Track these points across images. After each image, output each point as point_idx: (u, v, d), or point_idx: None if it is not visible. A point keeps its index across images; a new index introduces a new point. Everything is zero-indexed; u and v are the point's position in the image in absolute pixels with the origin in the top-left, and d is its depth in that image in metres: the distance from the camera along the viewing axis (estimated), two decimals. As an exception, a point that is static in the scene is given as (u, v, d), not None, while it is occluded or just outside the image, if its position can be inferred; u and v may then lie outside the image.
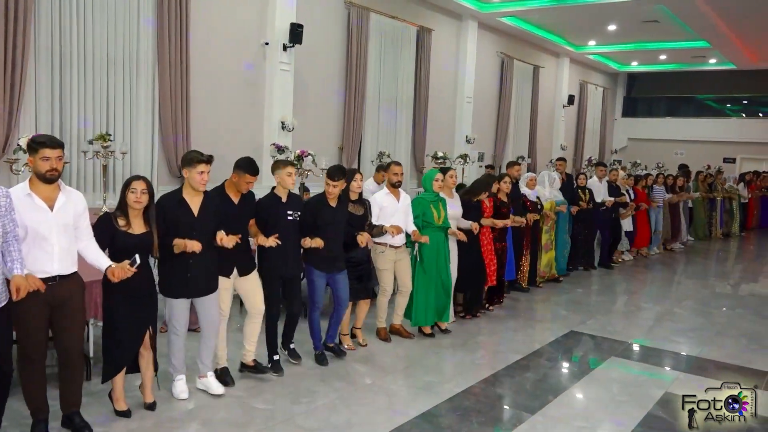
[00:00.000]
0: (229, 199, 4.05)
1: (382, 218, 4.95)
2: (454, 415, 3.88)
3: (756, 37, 13.23)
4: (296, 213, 4.35)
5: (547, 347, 5.40)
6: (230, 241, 3.78)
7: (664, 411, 4.15)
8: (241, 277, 4.15)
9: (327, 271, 4.56)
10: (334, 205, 4.57)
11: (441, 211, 5.32)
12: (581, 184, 8.40)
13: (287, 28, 8.09)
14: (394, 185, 5.10)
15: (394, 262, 5.10)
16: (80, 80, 6.41)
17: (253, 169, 4.00)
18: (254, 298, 4.21)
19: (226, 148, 7.32)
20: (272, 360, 4.39)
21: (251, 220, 4.26)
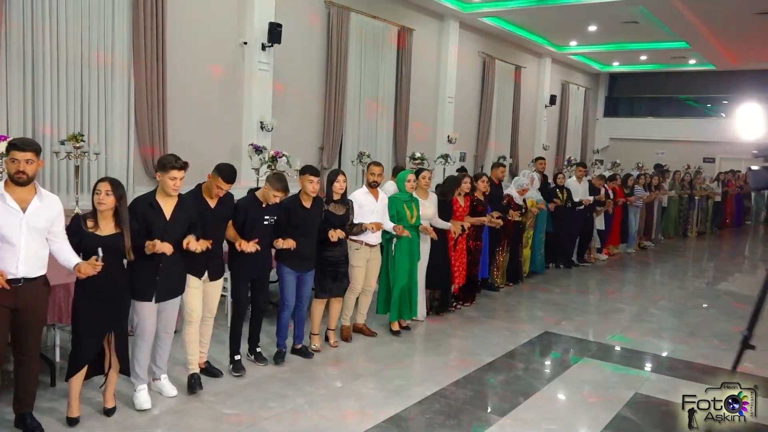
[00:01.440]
0: (206, 203, 4.04)
1: (360, 217, 5.04)
2: (423, 419, 3.88)
3: (733, 38, 13.39)
4: (272, 218, 4.40)
5: (521, 348, 5.43)
6: (198, 246, 3.74)
7: (633, 412, 4.19)
8: (212, 281, 4.18)
9: (297, 269, 4.62)
10: (308, 206, 4.60)
11: (414, 211, 5.47)
12: (560, 183, 8.48)
13: (266, 27, 8.05)
14: (371, 185, 5.19)
15: (367, 260, 5.18)
16: (53, 80, 6.33)
17: (230, 177, 4.00)
18: (213, 301, 4.25)
19: (203, 149, 7.30)
20: (233, 360, 4.41)
21: (229, 223, 4.26)
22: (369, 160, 9.47)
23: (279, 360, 4.62)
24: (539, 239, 8.13)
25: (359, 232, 5.03)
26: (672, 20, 11.52)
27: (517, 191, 7.28)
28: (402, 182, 5.48)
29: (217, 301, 4.29)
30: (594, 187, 9.04)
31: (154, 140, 7.06)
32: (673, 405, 4.17)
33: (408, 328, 5.64)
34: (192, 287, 4.03)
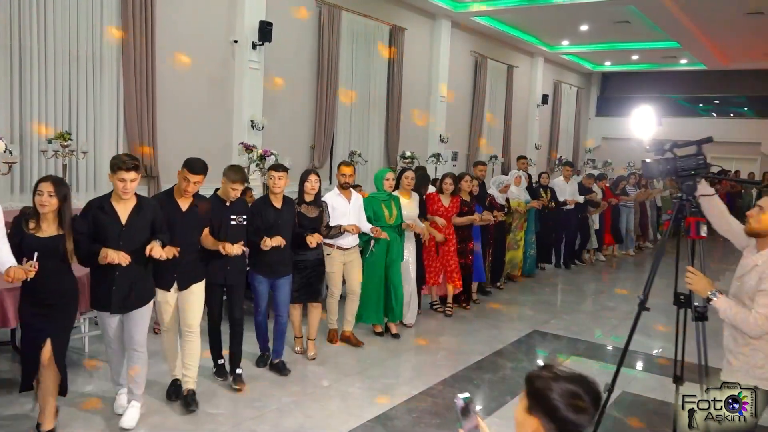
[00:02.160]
0: (176, 205, 3.76)
1: (335, 219, 4.86)
2: (410, 417, 3.89)
3: (724, 38, 13.45)
4: (241, 217, 4.12)
5: (510, 347, 5.44)
6: (164, 254, 3.40)
7: (618, 411, 4.21)
8: (181, 290, 3.85)
9: (270, 276, 4.39)
10: (279, 206, 4.36)
11: (393, 210, 5.29)
12: (544, 183, 8.40)
13: (256, 26, 8.01)
14: (342, 186, 5.00)
15: (342, 264, 5.00)
16: (41, 77, 6.26)
17: (195, 167, 3.68)
18: (191, 314, 3.85)
19: (193, 148, 7.21)
20: (217, 365, 4.27)
21: (206, 229, 3.95)
22: (361, 160, 9.51)
23: (260, 364, 4.49)
24: (528, 240, 8.04)
25: (337, 234, 4.83)
26: (663, 20, 11.56)
27: (498, 190, 7.18)
28: (380, 181, 5.29)
29: (197, 314, 3.89)
30: (584, 187, 8.99)
31: (144, 139, 7.01)
32: (661, 403, 4.20)
33: (383, 333, 5.42)
34: (160, 300, 3.77)
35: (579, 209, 8.82)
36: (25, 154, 6.10)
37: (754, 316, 2.48)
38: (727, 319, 2.59)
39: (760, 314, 2.46)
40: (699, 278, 2.68)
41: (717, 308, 2.61)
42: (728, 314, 2.56)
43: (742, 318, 2.51)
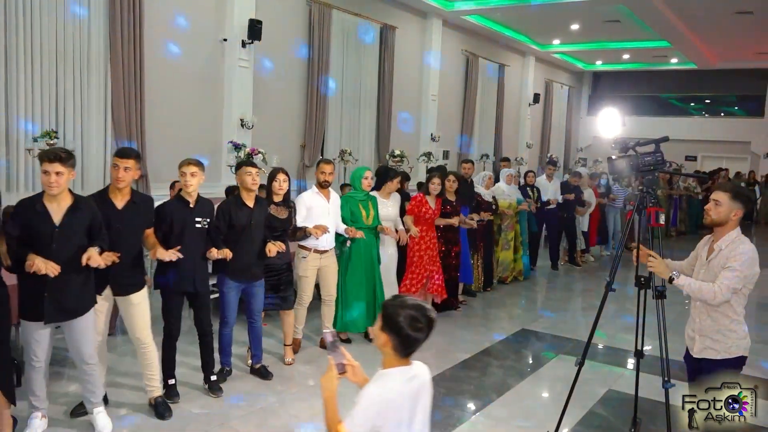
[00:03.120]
0: (111, 204, 3.47)
1: (311, 220, 4.61)
2: (395, 417, 3.88)
3: (714, 37, 13.52)
4: (205, 220, 3.86)
5: (497, 345, 5.45)
6: (101, 262, 3.14)
7: (605, 409, 4.23)
8: (118, 296, 3.58)
9: (241, 280, 4.13)
10: (252, 206, 4.12)
11: (370, 210, 5.10)
12: (529, 183, 8.30)
13: (246, 24, 7.99)
14: (321, 185, 4.75)
15: (317, 268, 4.75)
16: (27, 76, 6.21)
17: (122, 151, 3.48)
18: (135, 325, 3.61)
19: (183, 147, 7.23)
20: (167, 385, 3.91)
21: (147, 229, 3.67)
22: (351, 158, 9.50)
23: (222, 379, 4.19)
24: (521, 241, 7.90)
25: (302, 237, 4.56)
26: (652, 19, 11.61)
27: (483, 187, 7.05)
28: (358, 180, 5.07)
29: (142, 321, 3.64)
30: (569, 186, 8.88)
31: (132, 137, 6.97)
32: (645, 401, 4.22)
33: (349, 340, 5.19)
34: (95, 310, 3.45)
35: (564, 209, 8.69)
36: (11, 153, 6.06)
37: (718, 286, 2.88)
38: (692, 293, 2.97)
39: (723, 285, 2.87)
40: (659, 262, 3.05)
41: (680, 285, 2.96)
42: (692, 287, 2.95)
43: (707, 289, 2.90)
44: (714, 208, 2.98)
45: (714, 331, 3.02)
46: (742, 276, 2.88)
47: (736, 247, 2.92)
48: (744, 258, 2.88)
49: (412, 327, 1.91)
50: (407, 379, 1.96)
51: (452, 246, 6.14)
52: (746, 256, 2.89)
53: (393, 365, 1.97)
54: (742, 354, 3.03)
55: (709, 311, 3.02)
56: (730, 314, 2.98)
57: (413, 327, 1.91)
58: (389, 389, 1.91)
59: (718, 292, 2.87)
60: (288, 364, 4.63)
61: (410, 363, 2.01)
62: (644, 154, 3.26)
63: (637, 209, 3.31)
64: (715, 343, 3.02)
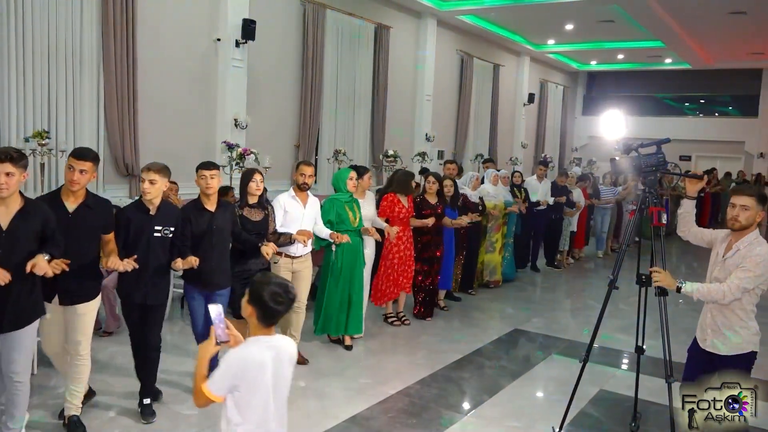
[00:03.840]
0: (63, 207, 3.25)
1: (286, 224, 4.45)
2: (386, 417, 3.89)
3: (709, 37, 13.55)
4: (167, 229, 3.59)
5: (490, 346, 5.45)
6: (48, 269, 2.91)
7: (596, 409, 4.23)
8: (63, 305, 3.34)
9: (204, 288, 3.90)
10: (213, 209, 3.88)
11: (356, 213, 5.00)
12: (516, 182, 8.15)
13: (239, 23, 7.97)
14: (300, 187, 4.56)
15: (291, 273, 4.52)
16: (19, 75, 6.18)
17: (79, 153, 3.25)
18: (76, 335, 3.37)
19: (177, 147, 7.22)
20: (142, 404, 3.72)
21: (107, 235, 3.44)
22: (346, 158, 9.49)
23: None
24: (508, 243, 7.76)
25: (286, 243, 4.35)
26: (647, 19, 11.63)
27: (470, 188, 6.92)
28: (343, 182, 4.94)
29: (83, 334, 3.40)
30: (558, 186, 8.80)
31: (125, 138, 6.96)
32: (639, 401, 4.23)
33: (350, 346, 5.09)
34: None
35: (553, 210, 8.60)
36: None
37: (728, 285, 2.97)
38: (702, 297, 3.06)
39: (733, 284, 2.96)
40: (664, 275, 3.14)
41: (689, 292, 3.05)
42: (702, 292, 3.04)
43: (715, 290, 3.00)
44: (742, 213, 3.04)
45: (727, 328, 3.10)
46: (754, 276, 2.96)
47: (754, 248, 3.00)
48: (759, 260, 2.95)
49: (274, 301, 2.17)
50: (267, 347, 2.19)
51: (436, 249, 5.99)
52: (761, 258, 2.96)
53: (257, 334, 2.22)
54: (753, 349, 3.12)
55: (721, 308, 3.10)
56: (740, 313, 3.07)
57: (274, 301, 2.17)
58: (248, 353, 2.16)
59: (728, 292, 2.96)
60: None
61: (273, 334, 2.25)
62: (646, 155, 3.33)
63: (639, 209, 3.40)
64: (728, 339, 3.10)
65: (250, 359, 2.15)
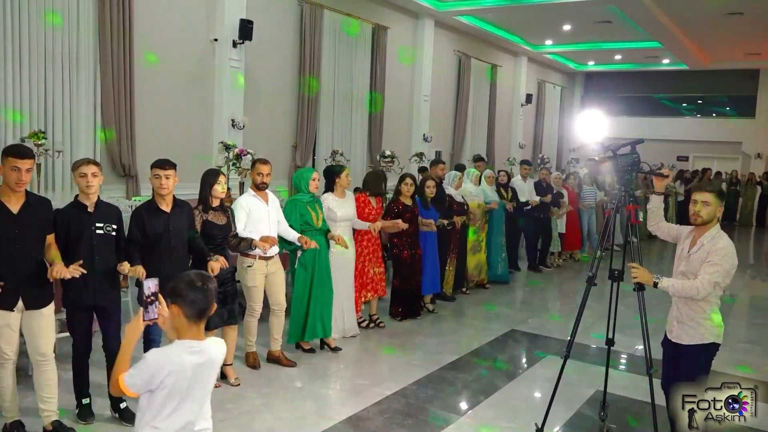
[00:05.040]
0: (6, 209, 3.16)
1: (252, 225, 4.35)
2: (382, 418, 3.88)
3: (705, 38, 13.58)
4: (109, 225, 3.48)
5: (486, 347, 5.46)
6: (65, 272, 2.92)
7: (592, 409, 4.24)
8: (28, 310, 3.26)
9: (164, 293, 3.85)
10: (168, 210, 3.72)
11: (319, 213, 4.92)
12: (501, 181, 8.10)
13: (237, 24, 7.97)
14: (258, 187, 4.48)
15: (264, 276, 4.44)
16: (15, 75, 6.17)
17: (19, 150, 3.15)
18: (42, 339, 3.30)
19: (173, 148, 7.19)
20: (81, 405, 3.61)
21: (49, 236, 3.35)
22: (343, 159, 9.49)
23: None
24: (497, 243, 7.75)
25: (247, 248, 4.21)
26: (644, 20, 11.65)
27: (453, 188, 6.82)
28: (305, 181, 4.84)
29: (48, 337, 3.35)
30: (542, 184, 8.74)
31: (121, 137, 6.95)
32: (632, 401, 4.24)
33: (338, 348, 5.02)
34: (2, 325, 3.17)
35: (539, 210, 8.57)
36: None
37: (701, 281, 3.10)
38: (677, 293, 3.20)
39: (705, 280, 3.09)
40: (641, 271, 3.26)
41: (665, 287, 3.19)
42: (677, 288, 3.17)
43: (689, 286, 3.13)
44: (704, 208, 3.18)
45: (690, 319, 3.25)
46: (723, 270, 3.10)
47: (717, 243, 3.14)
48: (724, 253, 3.11)
49: (192, 287, 2.08)
50: (192, 351, 2.08)
51: (411, 251, 5.91)
52: (726, 251, 3.12)
53: (185, 337, 2.11)
54: (714, 341, 3.23)
55: (687, 301, 3.23)
56: (704, 305, 3.20)
57: (192, 287, 2.08)
58: (168, 356, 2.06)
59: (701, 288, 3.10)
60: (234, 384, 4.21)
61: (203, 338, 2.14)
62: (622, 156, 3.45)
63: (616, 208, 3.52)
64: (690, 329, 3.24)
65: (170, 364, 2.04)
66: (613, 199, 3.83)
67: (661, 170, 3.56)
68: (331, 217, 5.13)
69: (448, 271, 6.79)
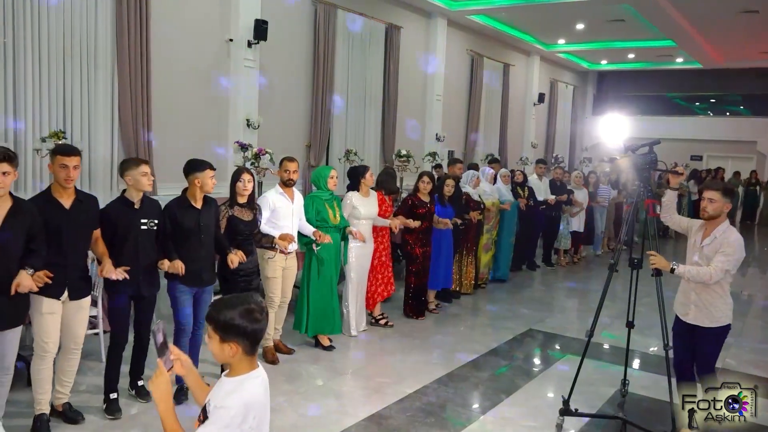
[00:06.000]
0: (58, 204, 3.29)
1: (275, 221, 4.48)
2: (404, 416, 3.88)
3: (720, 37, 13.46)
4: (152, 221, 3.68)
5: (504, 345, 5.44)
6: (32, 285, 2.99)
7: (614, 409, 4.21)
8: (71, 300, 3.40)
9: (192, 285, 3.88)
10: (200, 207, 3.88)
11: (336, 210, 5.00)
12: (518, 180, 8.16)
13: (251, 24, 7.99)
14: (286, 183, 4.62)
15: (282, 269, 4.60)
16: (35, 76, 6.22)
17: (65, 148, 3.32)
18: (79, 328, 3.48)
19: (189, 147, 7.23)
20: (108, 399, 3.70)
21: (95, 231, 3.52)
22: (356, 159, 9.50)
23: (182, 398, 3.88)
24: (507, 243, 7.77)
25: (268, 245, 4.38)
26: (658, 18, 11.57)
27: (471, 186, 6.93)
28: (324, 179, 4.95)
29: (84, 327, 3.55)
30: (556, 183, 8.77)
31: (138, 137, 6.99)
32: (653, 401, 4.21)
33: (332, 347, 5.04)
34: (46, 312, 3.26)
35: (552, 208, 8.60)
36: (19, 153, 6.07)
37: (714, 268, 3.48)
38: (691, 278, 3.56)
39: (717, 267, 3.47)
40: (659, 258, 3.59)
41: (681, 273, 3.55)
42: (692, 273, 3.54)
43: (704, 272, 3.50)
44: (710, 204, 3.57)
45: (710, 304, 3.60)
46: (734, 260, 3.49)
47: (728, 236, 3.53)
48: (736, 245, 3.50)
49: (252, 319, 1.81)
50: (260, 381, 1.89)
51: (423, 249, 5.94)
52: (737, 244, 3.52)
53: (245, 371, 1.86)
54: (728, 322, 3.62)
55: (704, 288, 3.59)
56: (719, 291, 3.58)
57: (253, 319, 1.81)
58: (250, 394, 1.83)
59: (714, 274, 3.47)
60: None
61: (257, 365, 1.91)
62: (641, 155, 3.80)
63: (635, 203, 3.87)
64: (710, 314, 3.60)
65: (253, 402, 1.83)
66: (632, 195, 4.01)
67: (675, 168, 3.93)
68: (355, 215, 5.25)
69: (467, 268, 6.82)
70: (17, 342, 3.20)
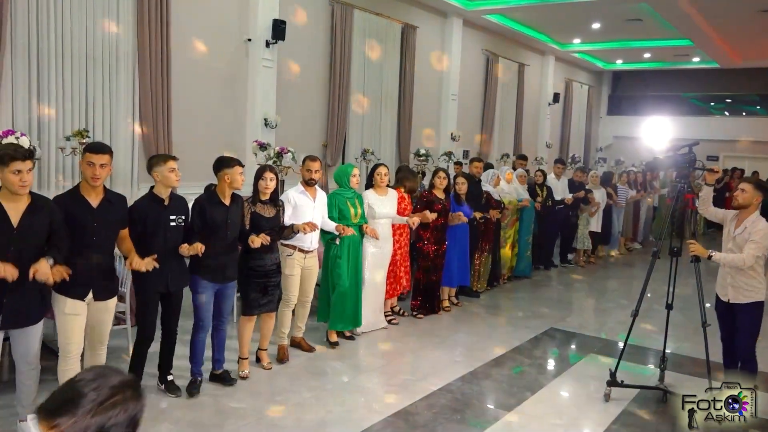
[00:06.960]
0: (85, 202, 3.27)
1: (296, 219, 4.49)
2: (430, 413, 3.88)
3: (738, 36, 13.34)
4: (180, 217, 3.72)
5: (527, 344, 5.43)
6: (50, 277, 2.94)
7: (639, 408, 4.19)
8: (96, 301, 3.36)
9: (215, 281, 3.93)
10: (228, 203, 3.94)
11: (357, 208, 5.04)
12: (537, 181, 8.22)
13: (269, 24, 8.04)
14: (308, 183, 4.65)
15: (302, 267, 4.62)
16: (58, 76, 6.30)
17: (97, 147, 3.30)
18: (104, 328, 3.46)
19: (208, 146, 7.28)
20: (165, 381, 3.89)
21: (122, 230, 3.50)
22: (373, 158, 9.51)
23: (194, 391, 3.90)
24: (525, 241, 7.80)
25: (290, 235, 4.38)
26: (675, 18, 11.49)
27: (492, 185, 6.98)
28: (347, 177, 5.01)
29: (109, 327, 3.51)
30: (575, 182, 8.79)
31: (159, 136, 7.05)
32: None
33: (352, 337, 5.16)
34: (69, 313, 3.22)
35: (569, 207, 8.63)
36: (43, 151, 6.15)
37: (746, 254, 3.89)
38: (727, 263, 4.00)
39: (749, 254, 3.88)
40: (697, 246, 4.02)
41: (717, 259, 3.97)
42: (727, 260, 3.98)
43: (738, 258, 3.92)
44: (741, 194, 3.99)
45: (746, 284, 4.00)
46: (763, 246, 3.87)
47: (757, 225, 3.92)
48: (763, 233, 3.88)
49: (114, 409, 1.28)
50: None
51: (436, 246, 5.93)
52: (764, 231, 3.89)
53: None
54: (762, 299, 4.01)
55: (738, 271, 3.99)
56: (752, 273, 3.97)
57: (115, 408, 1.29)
58: None
59: (747, 259, 3.88)
60: (267, 368, 4.43)
61: None
62: (681, 155, 4.19)
63: (676, 198, 4.31)
64: (745, 291, 4.00)
65: None
66: (673, 191, 4.26)
67: (712, 167, 4.47)
68: (371, 214, 5.26)
69: (483, 266, 6.85)
70: (40, 337, 3.19)
